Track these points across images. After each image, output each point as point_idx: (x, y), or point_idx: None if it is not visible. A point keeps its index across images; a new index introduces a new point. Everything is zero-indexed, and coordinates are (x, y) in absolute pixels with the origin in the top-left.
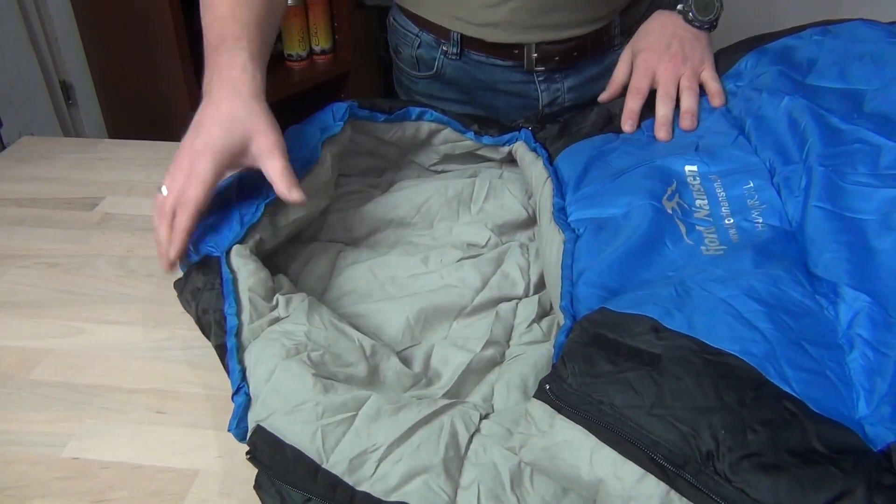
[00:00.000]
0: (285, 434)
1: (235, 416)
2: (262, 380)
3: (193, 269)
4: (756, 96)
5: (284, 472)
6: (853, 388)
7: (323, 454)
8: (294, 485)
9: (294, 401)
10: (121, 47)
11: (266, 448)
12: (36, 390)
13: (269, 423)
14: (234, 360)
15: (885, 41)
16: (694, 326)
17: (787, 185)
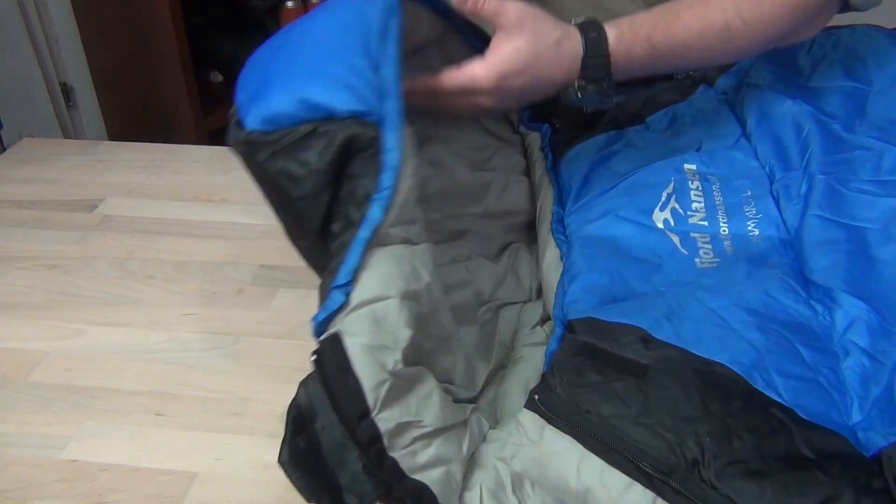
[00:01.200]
0: (357, 362)
1: (327, 309)
2: (369, 298)
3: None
4: (758, 94)
5: (336, 394)
6: (847, 394)
7: (378, 404)
8: (339, 414)
9: (384, 341)
10: (121, 49)
11: (333, 361)
12: (35, 392)
13: (351, 341)
14: (357, 255)
15: (889, 45)
16: (682, 337)
17: (785, 192)
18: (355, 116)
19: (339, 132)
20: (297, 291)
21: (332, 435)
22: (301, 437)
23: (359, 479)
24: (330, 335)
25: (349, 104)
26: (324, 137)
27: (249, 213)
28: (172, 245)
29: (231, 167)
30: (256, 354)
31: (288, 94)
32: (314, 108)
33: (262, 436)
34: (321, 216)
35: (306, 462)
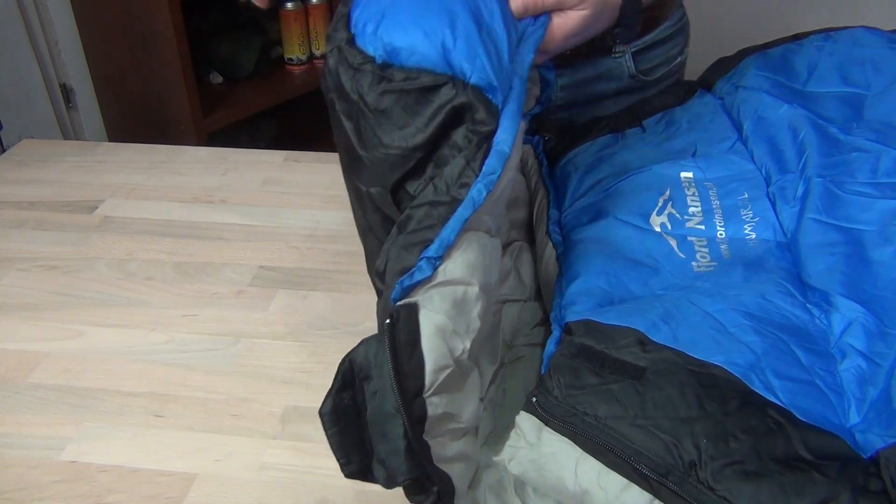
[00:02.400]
0: (426, 340)
1: (413, 277)
2: (454, 279)
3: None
4: (755, 97)
5: (400, 363)
6: (844, 396)
7: (433, 388)
8: (399, 385)
9: (458, 326)
10: (121, 51)
11: (405, 331)
12: (34, 393)
13: (426, 316)
14: (455, 233)
15: (886, 47)
16: (679, 339)
17: (782, 194)
18: (483, 90)
19: (461, 97)
20: (296, 293)
21: (383, 403)
22: (347, 393)
23: (397, 455)
24: (408, 303)
25: (484, 77)
26: (447, 96)
27: (249, 215)
28: (172, 246)
29: (230, 168)
30: (256, 355)
31: (429, 35)
32: (451, 62)
33: (261, 437)
34: (403, 170)
35: (346, 419)
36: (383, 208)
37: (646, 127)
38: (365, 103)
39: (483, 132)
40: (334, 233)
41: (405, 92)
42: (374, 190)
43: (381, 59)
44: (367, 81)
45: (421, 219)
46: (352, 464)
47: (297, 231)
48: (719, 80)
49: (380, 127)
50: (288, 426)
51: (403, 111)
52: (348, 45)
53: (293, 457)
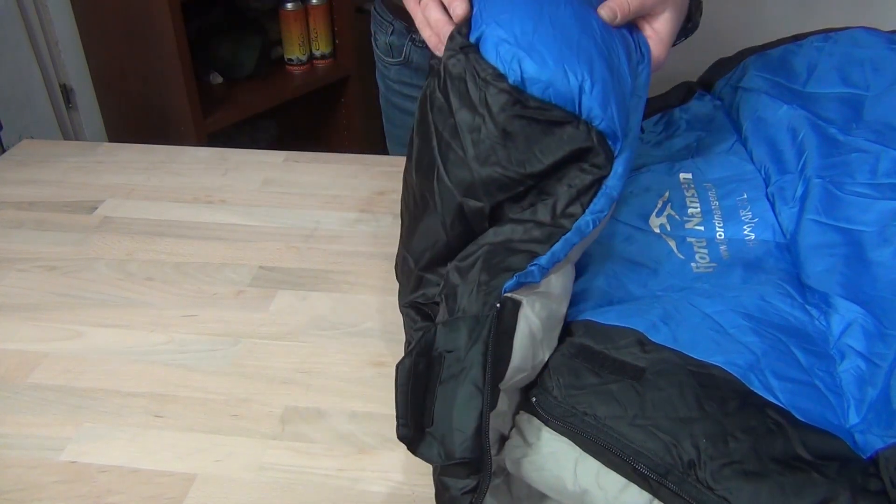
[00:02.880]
0: (519, 339)
1: (527, 278)
2: (553, 294)
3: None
4: (754, 98)
5: (498, 349)
6: (844, 397)
7: (507, 383)
8: (494, 368)
9: (544, 339)
10: (121, 51)
11: (505, 322)
12: (34, 393)
13: (524, 315)
14: (564, 253)
15: (885, 48)
16: (679, 340)
17: (781, 195)
18: (605, 136)
19: (587, 141)
20: (296, 293)
21: (465, 379)
22: (424, 359)
23: (464, 432)
24: (515, 299)
25: (610, 125)
26: (571, 134)
27: (249, 215)
28: (172, 246)
29: (230, 169)
30: (255, 356)
31: (569, 75)
32: (581, 105)
33: (260, 437)
34: (510, 193)
35: (418, 383)
36: (472, 221)
37: (644, 128)
38: (493, 119)
39: (597, 175)
40: (334, 233)
41: (535, 121)
42: (474, 204)
43: (514, 83)
44: (500, 100)
45: (523, 235)
46: (406, 426)
47: (297, 231)
48: (719, 81)
49: (503, 147)
50: (288, 427)
51: (527, 139)
52: (476, 55)
53: (293, 457)
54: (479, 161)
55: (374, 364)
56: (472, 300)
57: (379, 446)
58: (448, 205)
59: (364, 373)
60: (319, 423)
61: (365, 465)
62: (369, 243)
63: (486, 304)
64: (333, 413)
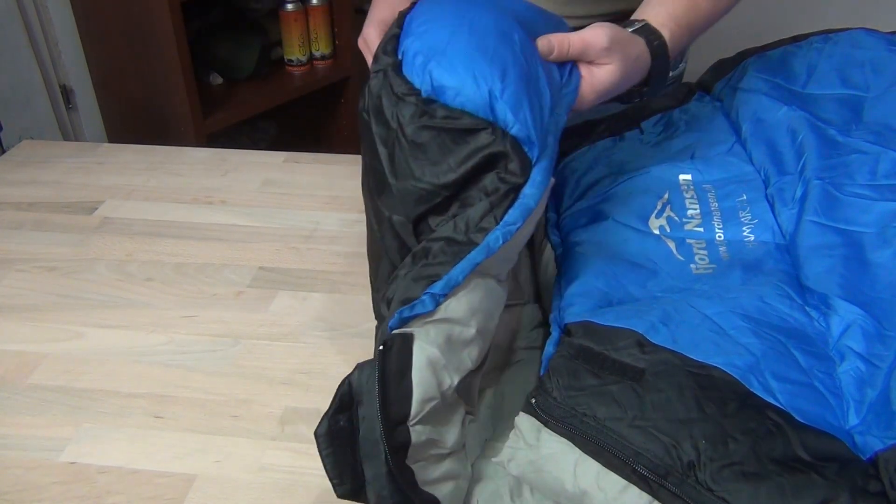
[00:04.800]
0: (417, 371)
1: (414, 310)
2: (453, 318)
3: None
4: (754, 99)
5: (388, 392)
6: (843, 398)
7: (418, 417)
8: (384, 412)
9: (449, 363)
10: (121, 52)
11: (396, 360)
12: (33, 394)
13: (419, 348)
14: (464, 275)
15: (885, 49)
16: (678, 341)
17: (780, 196)
18: (519, 142)
19: (499, 146)
20: (296, 294)
21: (371, 429)
22: (343, 415)
23: (379, 479)
24: (404, 333)
25: (524, 130)
26: (485, 141)
27: (248, 216)
28: (171, 247)
29: (230, 169)
30: (255, 357)
31: (479, 81)
32: (495, 111)
33: (260, 438)
34: (429, 205)
35: (340, 441)
36: (402, 236)
37: (644, 129)
38: (403, 133)
39: (513, 183)
40: (334, 234)
41: (444, 130)
42: (397, 218)
43: (427, 94)
44: (408, 112)
45: (436, 254)
46: (344, 485)
47: (297, 232)
48: (718, 82)
49: (414, 160)
50: (287, 427)
51: (439, 148)
52: (394, 72)
53: (292, 458)
54: (395, 176)
55: None
56: (377, 341)
57: None
58: (382, 223)
59: None
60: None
61: None
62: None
63: (378, 347)
64: None
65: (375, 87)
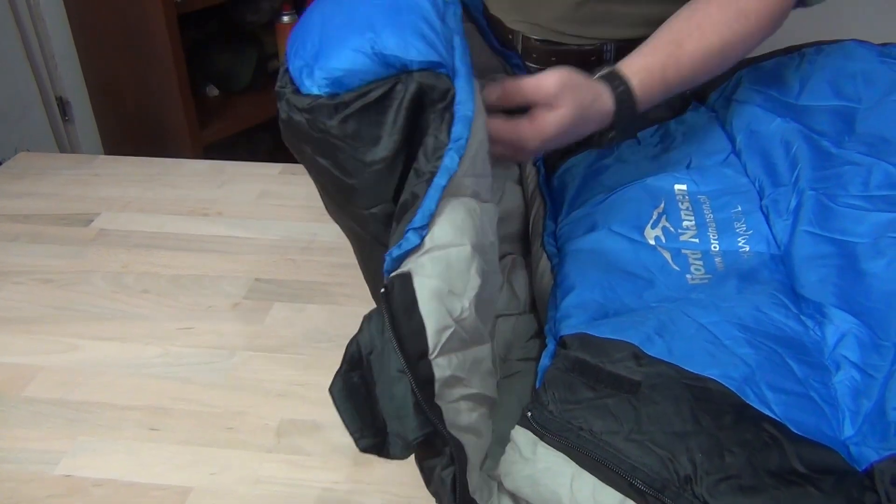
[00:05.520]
0: (424, 304)
1: (401, 248)
2: (443, 243)
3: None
4: (748, 110)
5: (399, 330)
6: (839, 408)
7: (437, 349)
8: (401, 350)
9: (454, 287)
10: (117, 64)
11: (401, 299)
12: (29, 407)
13: (420, 282)
14: (434, 201)
15: (877, 61)
16: (674, 353)
17: (775, 207)
18: (429, 69)
19: (411, 87)
20: (292, 305)
21: (387, 369)
22: (356, 372)
23: (405, 414)
24: (401, 273)
25: (424, 54)
26: (400, 93)
27: (245, 227)
28: (167, 259)
29: (226, 181)
30: (251, 368)
31: (358, 50)
32: (388, 62)
33: (256, 450)
34: (395, 177)
35: (357, 396)
36: (390, 220)
37: (641, 139)
38: (332, 135)
39: (441, 106)
40: (330, 245)
41: (364, 109)
42: (378, 209)
43: (328, 92)
44: (325, 115)
45: (407, 202)
46: (365, 438)
47: (293, 243)
48: (713, 93)
49: (356, 150)
50: (283, 439)
51: (370, 127)
52: (294, 95)
53: (289, 470)
54: (351, 175)
55: None
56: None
57: (374, 458)
58: (367, 223)
59: None
60: (315, 436)
61: (360, 477)
62: None
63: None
64: (329, 425)
65: (285, 115)
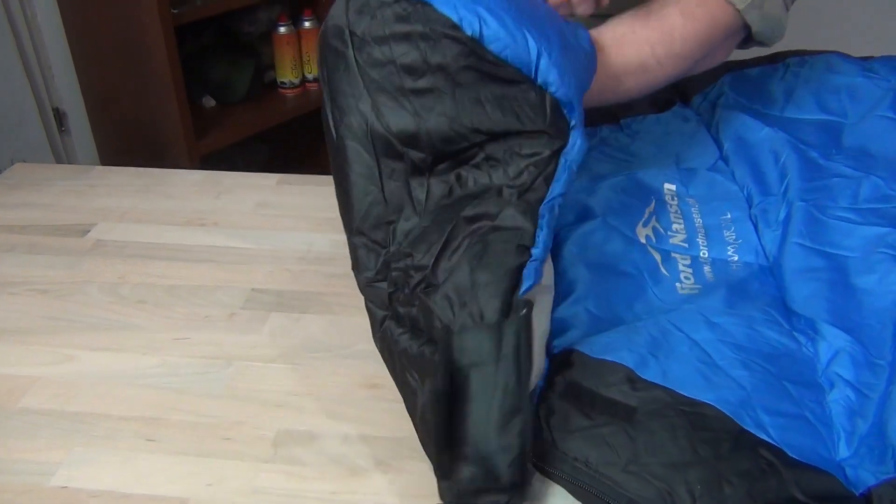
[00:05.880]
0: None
1: (533, 280)
2: (548, 285)
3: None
4: (734, 117)
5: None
6: (833, 429)
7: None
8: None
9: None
10: (114, 75)
11: (526, 329)
12: (24, 418)
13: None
14: (552, 237)
15: (860, 75)
16: (668, 376)
17: (764, 217)
18: (560, 104)
19: (538, 102)
20: (289, 315)
21: (503, 399)
22: (445, 379)
23: (508, 454)
24: (529, 301)
25: (565, 90)
26: (524, 94)
27: (241, 237)
28: (164, 269)
29: (223, 191)
30: (248, 379)
31: (527, 40)
32: (537, 69)
33: (253, 460)
34: (455, 147)
35: (442, 407)
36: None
37: (623, 126)
38: (443, 70)
39: (555, 147)
40: (327, 255)
41: (488, 76)
42: (416, 154)
43: (471, 34)
44: (454, 50)
45: (507, 218)
46: (442, 455)
47: (290, 253)
48: (696, 96)
49: (451, 98)
50: (280, 450)
51: (478, 93)
52: (426, 5)
53: (286, 481)
54: (425, 110)
55: (368, 386)
56: (484, 304)
57: (372, 469)
58: (386, 154)
59: (357, 395)
60: (312, 446)
61: (358, 488)
62: None
63: (500, 310)
64: (326, 436)
65: (402, 13)
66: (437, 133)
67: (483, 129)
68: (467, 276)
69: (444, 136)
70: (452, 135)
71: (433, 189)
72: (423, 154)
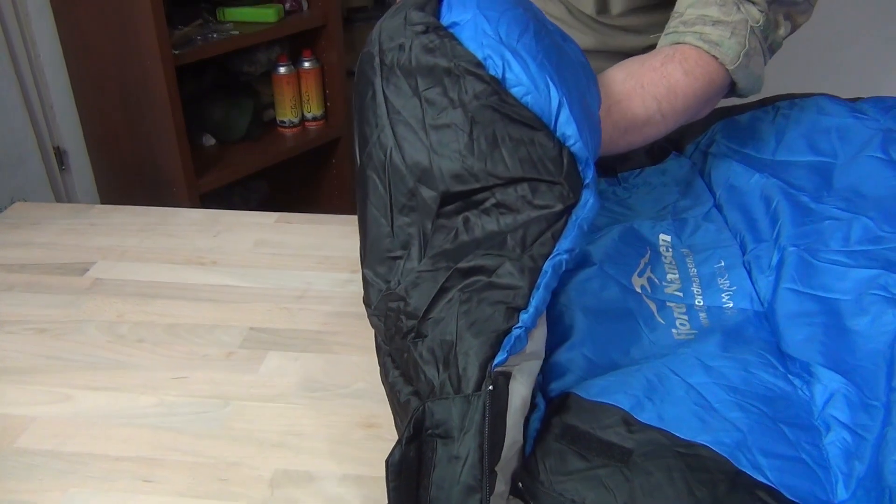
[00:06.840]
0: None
1: (516, 348)
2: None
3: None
4: (725, 165)
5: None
6: (831, 471)
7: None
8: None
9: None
10: (115, 114)
11: (498, 400)
12: (20, 459)
13: (514, 388)
14: (546, 301)
15: (849, 116)
16: (664, 418)
17: (757, 263)
18: (575, 159)
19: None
20: (286, 354)
21: (462, 473)
22: (413, 444)
23: None
24: (505, 372)
25: (581, 146)
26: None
27: (240, 276)
28: (163, 308)
29: (222, 230)
30: (245, 418)
31: (549, 89)
32: (556, 120)
33: (249, 501)
34: (466, 187)
35: (408, 473)
36: (420, 210)
37: (621, 180)
38: (463, 107)
39: (567, 203)
40: (326, 294)
41: (507, 118)
42: (427, 191)
43: (494, 75)
44: (477, 88)
45: (504, 275)
46: None
47: (289, 292)
48: (689, 145)
49: (468, 137)
50: (277, 490)
51: (495, 133)
52: (452, 39)
53: None
54: (441, 146)
55: (366, 426)
56: (463, 369)
57: None
58: (398, 188)
59: (355, 435)
60: (310, 487)
61: None
62: (360, 304)
63: (476, 380)
64: (324, 476)
65: (430, 45)
66: (450, 171)
67: (496, 172)
68: (454, 334)
69: (455, 174)
70: (465, 174)
71: (438, 231)
72: (434, 192)
